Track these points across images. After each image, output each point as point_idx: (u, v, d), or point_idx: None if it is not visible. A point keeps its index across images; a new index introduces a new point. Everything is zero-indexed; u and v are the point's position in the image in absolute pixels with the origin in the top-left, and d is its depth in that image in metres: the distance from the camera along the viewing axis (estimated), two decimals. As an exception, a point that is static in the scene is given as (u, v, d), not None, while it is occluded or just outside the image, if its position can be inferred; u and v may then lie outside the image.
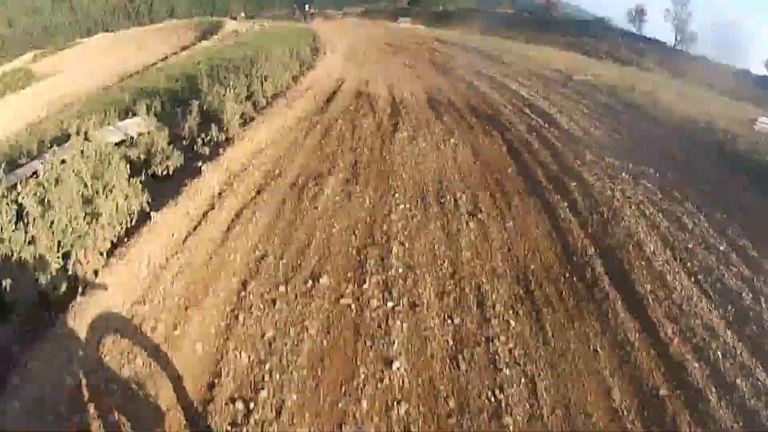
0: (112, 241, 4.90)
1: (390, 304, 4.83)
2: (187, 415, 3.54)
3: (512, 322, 4.69)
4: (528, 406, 3.80)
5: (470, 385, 3.95)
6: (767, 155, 9.64)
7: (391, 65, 18.60)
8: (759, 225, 6.86)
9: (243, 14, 65.92)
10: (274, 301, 4.76)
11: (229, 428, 3.50)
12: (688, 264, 5.77)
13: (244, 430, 3.48)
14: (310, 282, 5.08)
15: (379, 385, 3.89)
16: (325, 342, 4.32)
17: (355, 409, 3.68)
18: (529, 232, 6.44)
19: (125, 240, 5.00)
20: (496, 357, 4.25)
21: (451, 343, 4.40)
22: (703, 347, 4.44)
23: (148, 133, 7.48)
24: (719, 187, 8.25)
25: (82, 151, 5.36)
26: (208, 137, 8.07)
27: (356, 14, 63.93)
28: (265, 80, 11.64)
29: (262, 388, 3.79)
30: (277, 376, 3.91)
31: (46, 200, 4.51)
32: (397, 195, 7.27)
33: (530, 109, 12.86)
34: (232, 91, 9.46)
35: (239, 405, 3.64)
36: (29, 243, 4.12)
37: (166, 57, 28.14)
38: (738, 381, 4.09)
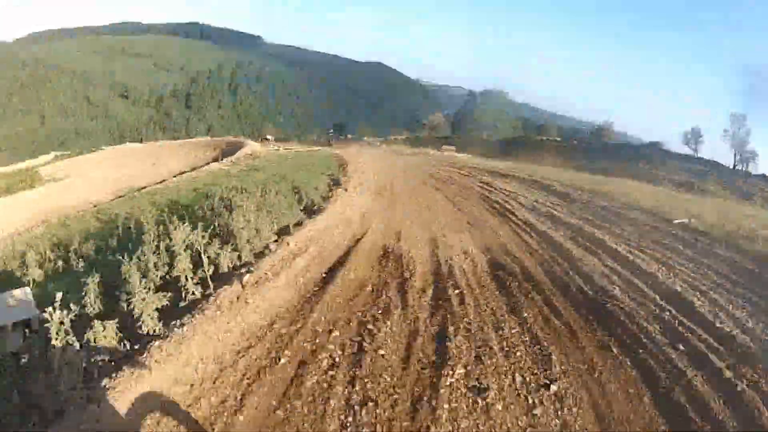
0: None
1: None
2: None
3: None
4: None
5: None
6: None
7: (433, 205, 14.35)
8: None
9: (270, 137, 66.54)
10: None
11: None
12: None
13: None
14: None
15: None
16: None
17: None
18: None
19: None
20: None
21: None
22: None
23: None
24: None
25: None
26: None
27: (397, 141, 64.53)
28: (236, 238, 7.21)
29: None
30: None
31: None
32: None
33: (648, 284, 8.12)
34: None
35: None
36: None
37: (176, 174, 25.17)
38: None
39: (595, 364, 5.57)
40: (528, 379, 5.18)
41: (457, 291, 7.36)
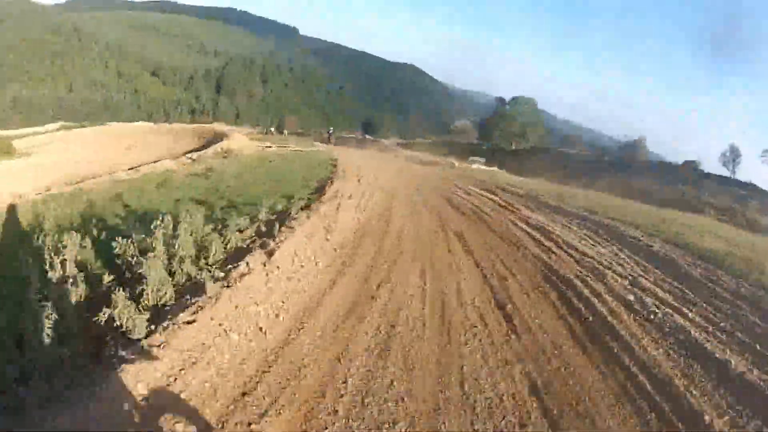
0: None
1: None
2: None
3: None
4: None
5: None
6: None
7: (452, 296, 6.92)
8: None
9: (273, 129, 64.44)
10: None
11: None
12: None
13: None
14: None
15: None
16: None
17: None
18: None
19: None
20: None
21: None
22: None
23: None
24: None
25: None
26: None
27: (421, 145, 59.45)
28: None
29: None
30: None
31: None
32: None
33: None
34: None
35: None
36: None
37: (135, 167, 19.71)
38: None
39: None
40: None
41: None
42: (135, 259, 5.59)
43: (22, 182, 19.34)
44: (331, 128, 57.31)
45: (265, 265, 5.99)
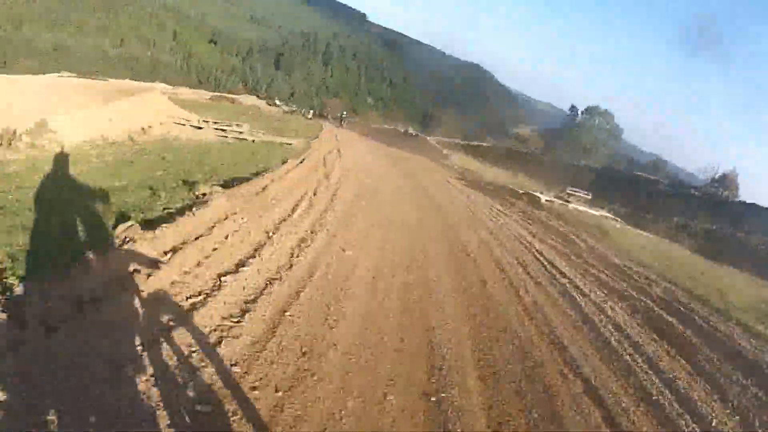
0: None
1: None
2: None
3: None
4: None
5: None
6: None
7: None
8: None
9: (278, 102, 60.71)
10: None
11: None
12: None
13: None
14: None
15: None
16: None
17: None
18: None
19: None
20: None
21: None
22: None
23: None
24: None
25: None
26: None
27: (476, 152, 47.23)
28: None
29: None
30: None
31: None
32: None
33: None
34: None
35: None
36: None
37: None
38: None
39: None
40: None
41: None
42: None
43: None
44: (344, 112, 57.43)
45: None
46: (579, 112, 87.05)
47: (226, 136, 15.02)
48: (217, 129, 15.12)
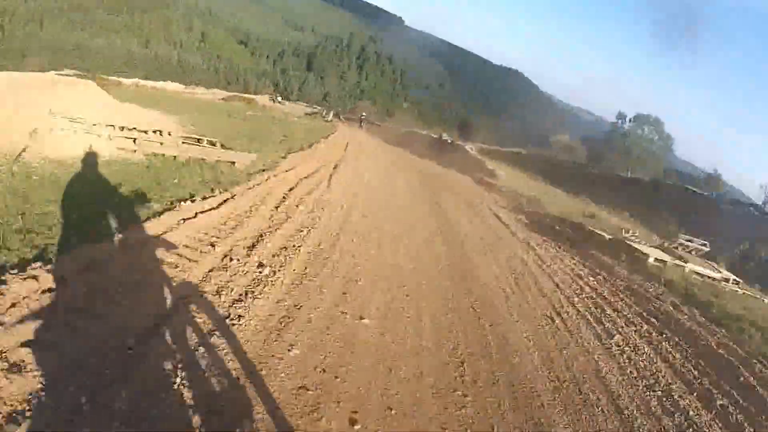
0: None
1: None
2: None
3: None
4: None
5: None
6: None
7: None
8: None
9: (279, 98, 55.61)
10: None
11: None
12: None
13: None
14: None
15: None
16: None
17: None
18: None
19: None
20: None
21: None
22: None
23: None
24: None
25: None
26: None
27: (514, 161, 40.39)
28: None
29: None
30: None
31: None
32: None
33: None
34: None
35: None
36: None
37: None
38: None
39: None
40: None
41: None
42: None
43: None
44: (364, 113, 54.13)
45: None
46: (627, 120, 77.67)
47: (135, 150, 8.48)
48: (127, 139, 8.59)
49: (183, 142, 9.55)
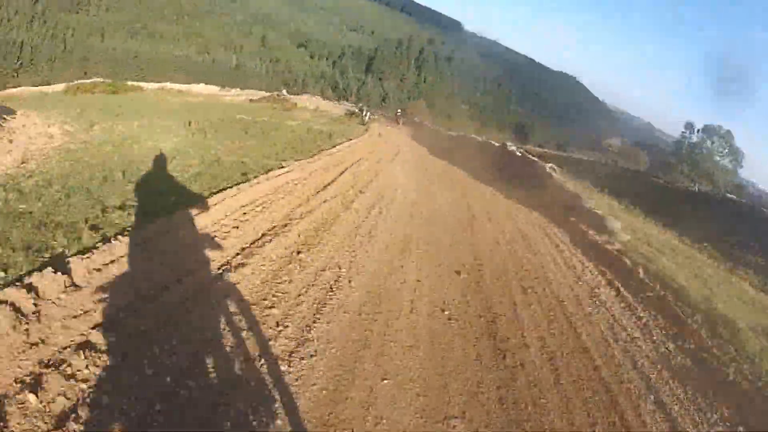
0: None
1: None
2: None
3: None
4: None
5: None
6: None
7: None
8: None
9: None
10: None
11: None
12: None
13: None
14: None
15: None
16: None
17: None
18: None
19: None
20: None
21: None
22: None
23: None
24: None
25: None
26: None
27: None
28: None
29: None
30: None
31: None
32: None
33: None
34: None
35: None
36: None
37: None
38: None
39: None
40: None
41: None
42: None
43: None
44: (400, 110, 51.22)
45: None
46: (695, 131, 67.14)
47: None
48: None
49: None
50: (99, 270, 4.87)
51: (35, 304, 3.98)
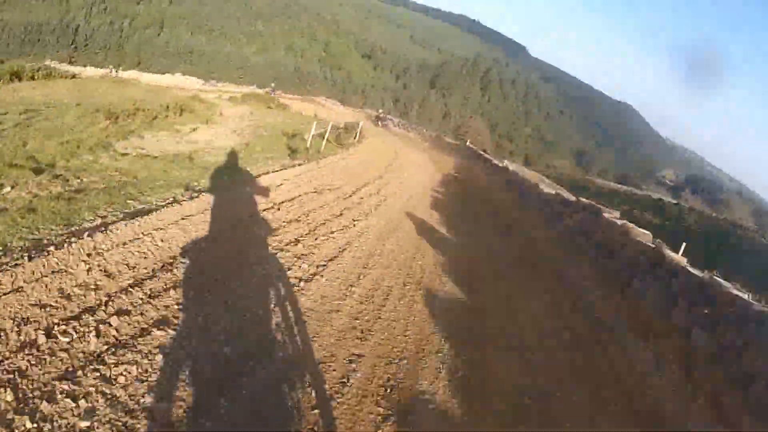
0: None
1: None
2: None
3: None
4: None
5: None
6: None
7: None
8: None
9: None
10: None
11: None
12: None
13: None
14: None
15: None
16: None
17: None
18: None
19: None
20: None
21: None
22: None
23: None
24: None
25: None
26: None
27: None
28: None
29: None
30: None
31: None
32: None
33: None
34: None
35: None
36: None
37: None
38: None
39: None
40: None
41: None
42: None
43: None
44: (381, 111, 42.00)
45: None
46: None
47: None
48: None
49: None
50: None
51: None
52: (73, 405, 2.15)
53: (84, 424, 2.08)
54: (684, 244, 6.99)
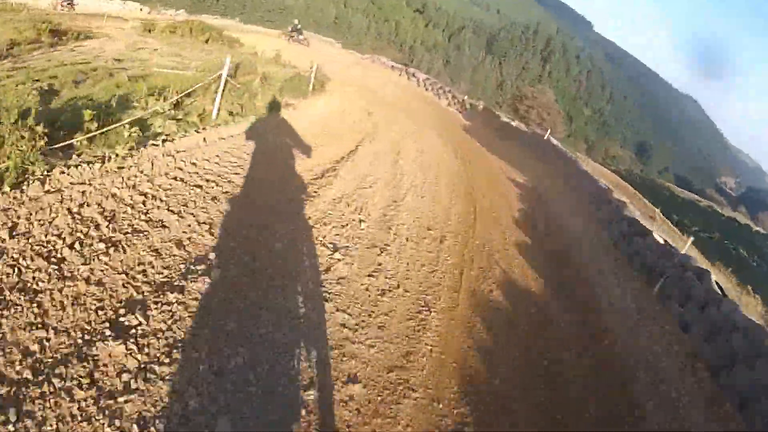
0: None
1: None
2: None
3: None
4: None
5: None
6: None
7: None
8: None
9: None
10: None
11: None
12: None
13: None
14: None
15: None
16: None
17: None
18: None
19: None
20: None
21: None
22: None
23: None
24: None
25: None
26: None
27: None
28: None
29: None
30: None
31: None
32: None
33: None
34: None
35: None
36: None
37: None
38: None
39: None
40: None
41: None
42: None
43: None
44: (297, 22, 30.97)
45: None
46: None
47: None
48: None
49: None
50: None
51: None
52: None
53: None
54: None
